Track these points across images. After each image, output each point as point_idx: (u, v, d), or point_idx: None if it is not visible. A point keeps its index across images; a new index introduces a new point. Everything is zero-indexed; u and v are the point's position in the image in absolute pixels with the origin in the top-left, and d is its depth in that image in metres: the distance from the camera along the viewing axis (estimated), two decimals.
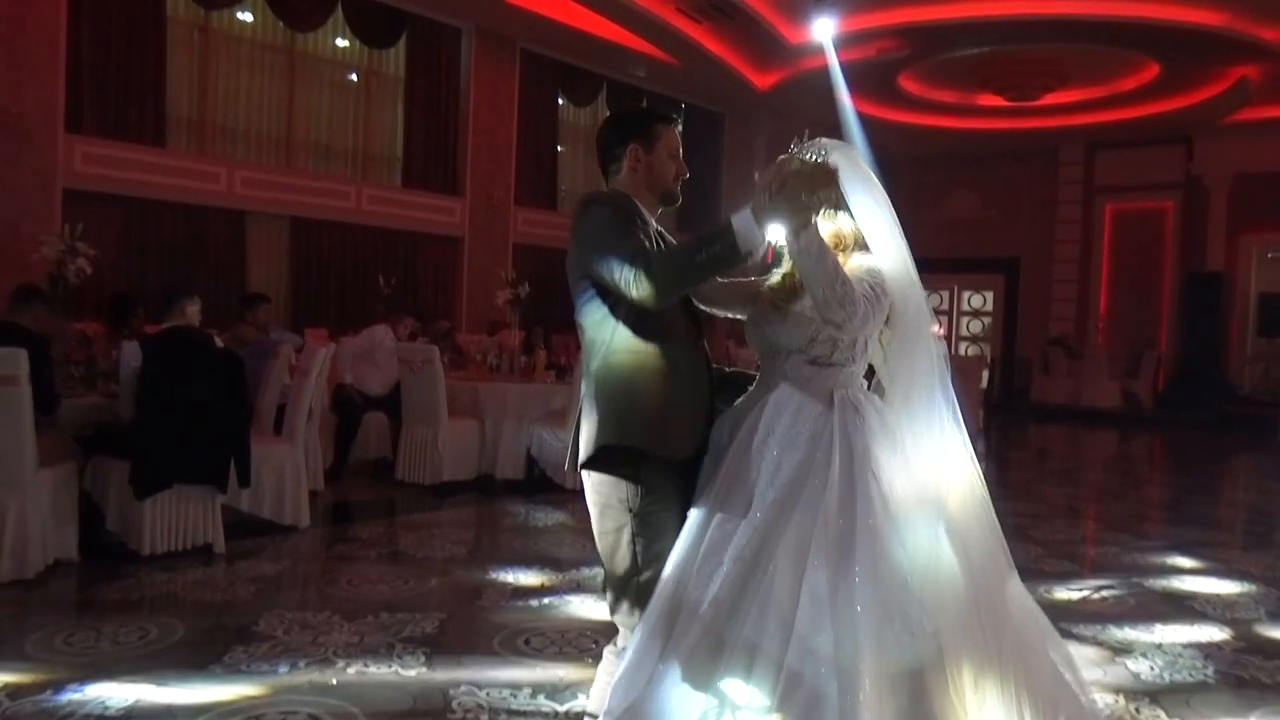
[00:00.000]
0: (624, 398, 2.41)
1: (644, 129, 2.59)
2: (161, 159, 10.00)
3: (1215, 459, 11.48)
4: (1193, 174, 15.76)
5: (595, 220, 2.46)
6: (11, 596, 4.01)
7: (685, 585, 2.26)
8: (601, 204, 2.53)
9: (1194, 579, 5.07)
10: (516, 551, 5.16)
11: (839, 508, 2.17)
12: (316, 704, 2.99)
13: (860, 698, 1.98)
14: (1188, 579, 5.07)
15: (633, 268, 2.27)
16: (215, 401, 4.66)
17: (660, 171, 2.58)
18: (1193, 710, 3.25)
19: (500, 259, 13.19)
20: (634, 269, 2.27)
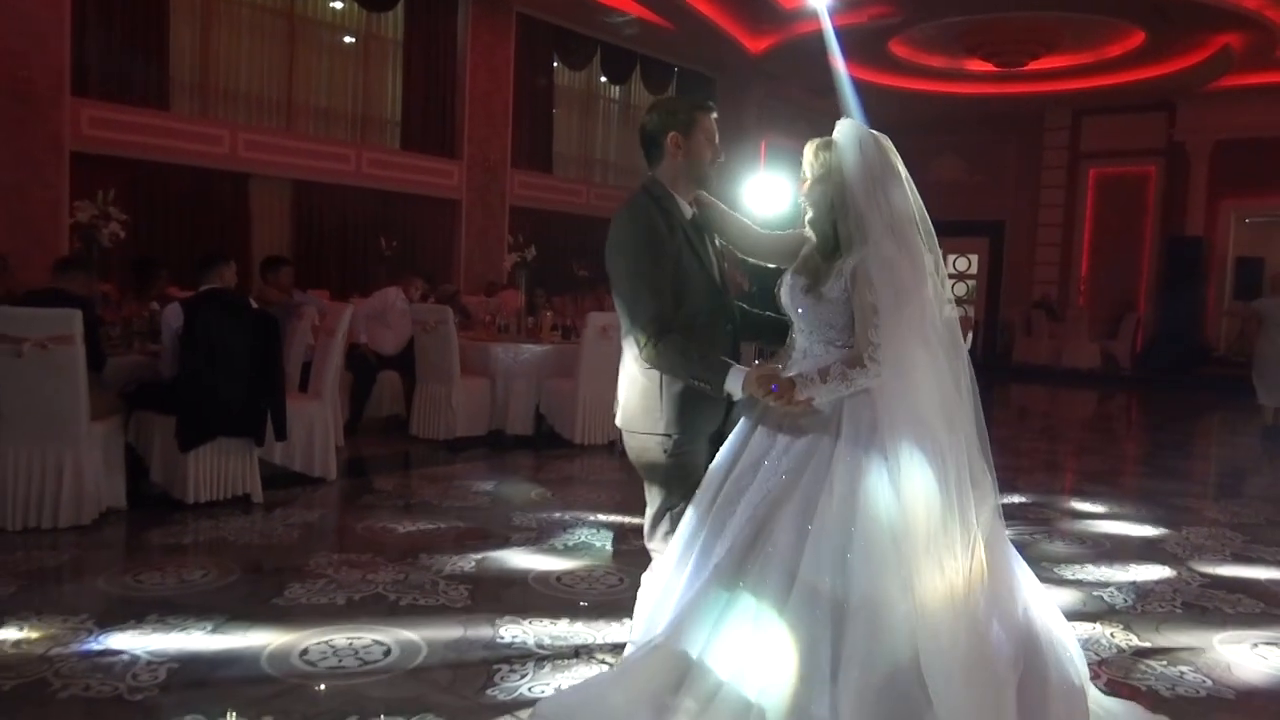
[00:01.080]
0: (650, 396, 2.64)
1: (683, 117, 2.78)
2: (166, 122, 10.14)
3: (1189, 417, 11.92)
4: (1175, 140, 16.08)
5: (626, 255, 2.62)
6: (71, 540, 4.30)
7: (703, 528, 2.53)
8: (636, 223, 2.66)
9: (1165, 526, 5.45)
10: (535, 501, 5.48)
11: (843, 476, 2.37)
12: (380, 631, 3.30)
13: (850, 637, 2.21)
14: (1160, 526, 5.45)
15: (644, 335, 2.52)
16: (252, 359, 4.93)
17: (698, 156, 2.76)
18: (1161, 635, 3.62)
19: (497, 221, 13.42)
20: (645, 336, 2.52)
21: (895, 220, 2.49)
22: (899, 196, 2.52)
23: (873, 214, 2.49)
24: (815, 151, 2.64)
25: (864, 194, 2.50)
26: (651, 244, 2.61)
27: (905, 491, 2.33)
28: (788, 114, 17.39)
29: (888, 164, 2.56)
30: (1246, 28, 12.47)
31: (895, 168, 2.57)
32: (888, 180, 2.53)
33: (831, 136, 2.64)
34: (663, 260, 2.60)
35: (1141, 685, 3.15)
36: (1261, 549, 5.03)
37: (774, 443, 2.49)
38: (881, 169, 2.54)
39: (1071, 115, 17.04)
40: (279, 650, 3.12)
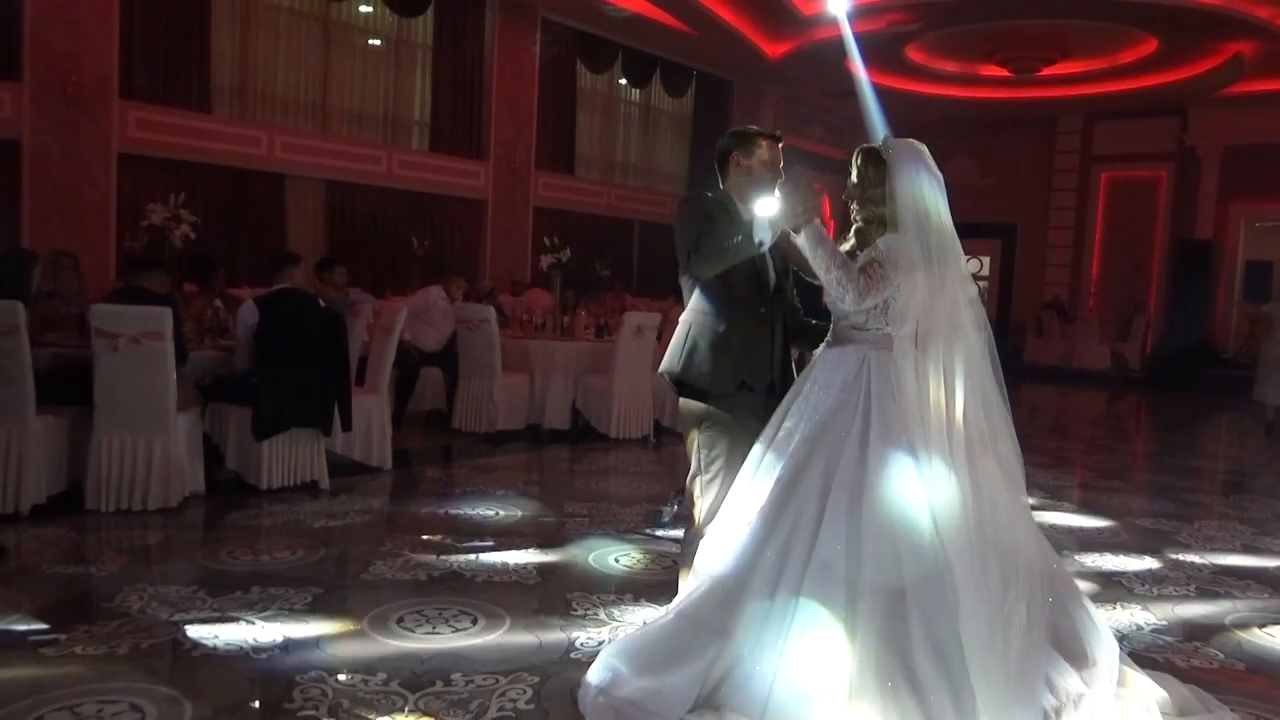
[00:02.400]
0: (689, 342, 3.16)
1: (745, 141, 3.23)
2: (207, 124, 10.48)
3: (1198, 417, 12.21)
4: (1186, 145, 16.35)
5: (680, 215, 3.23)
6: (162, 521, 4.64)
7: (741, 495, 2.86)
8: (688, 201, 3.33)
9: (1177, 520, 5.76)
10: (579, 490, 5.80)
11: (858, 448, 2.71)
12: (464, 603, 3.63)
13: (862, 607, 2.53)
14: (1172, 520, 5.75)
15: (689, 250, 3.05)
16: (321, 355, 5.26)
17: (756, 175, 3.17)
18: (1177, 615, 3.93)
19: (521, 221, 13.76)
20: (690, 251, 3.05)
21: (921, 219, 2.81)
22: (931, 201, 2.84)
23: (905, 214, 2.83)
24: (863, 162, 2.95)
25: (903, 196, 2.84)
26: (708, 214, 3.13)
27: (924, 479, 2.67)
28: (804, 116, 17.71)
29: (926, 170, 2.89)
30: (1258, 36, 12.74)
31: (932, 173, 2.91)
32: (922, 185, 2.85)
33: (878, 146, 2.96)
34: (703, 223, 3.08)
35: (1160, 658, 3.46)
36: (1269, 540, 5.33)
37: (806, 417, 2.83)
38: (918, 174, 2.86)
39: (1084, 120, 17.31)
40: (376, 617, 3.45)
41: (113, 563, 3.97)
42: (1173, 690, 2.91)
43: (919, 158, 2.93)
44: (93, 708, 2.69)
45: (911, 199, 2.84)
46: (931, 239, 2.82)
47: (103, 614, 3.37)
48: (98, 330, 4.60)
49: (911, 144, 2.96)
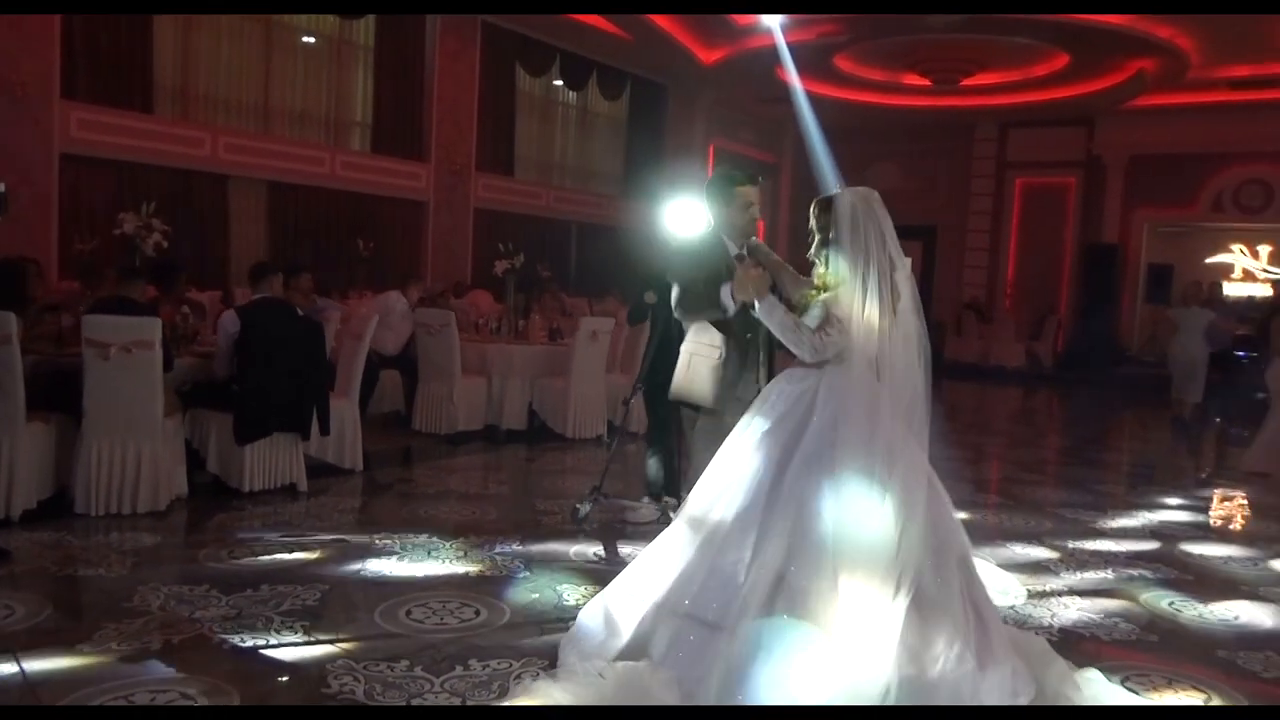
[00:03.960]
0: (691, 369, 3.81)
1: (725, 193, 3.77)
2: (150, 125, 10.45)
3: (1107, 413, 13.03)
4: (1093, 153, 17.29)
5: (675, 258, 3.85)
6: (154, 524, 4.80)
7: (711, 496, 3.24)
8: (682, 246, 3.88)
9: (1094, 510, 6.32)
10: (547, 488, 6.10)
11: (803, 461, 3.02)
12: (465, 597, 3.92)
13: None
14: (1089, 510, 6.31)
15: (675, 300, 3.73)
16: (300, 362, 5.46)
17: (738, 221, 3.73)
18: (1097, 595, 4.42)
19: (462, 223, 13.95)
20: (676, 302, 3.72)
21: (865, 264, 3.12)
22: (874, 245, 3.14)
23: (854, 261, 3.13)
24: (818, 213, 3.30)
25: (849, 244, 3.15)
26: (697, 263, 3.70)
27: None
28: (734, 121, 18.20)
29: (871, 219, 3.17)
30: (1159, 54, 13.64)
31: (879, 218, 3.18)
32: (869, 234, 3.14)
33: (832, 197, 3.29)
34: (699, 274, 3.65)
35: (1086, 633, 3.94)
36: (1174, 527, 5.92)
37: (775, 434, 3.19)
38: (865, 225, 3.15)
39: (999, 128, 18.14)
40: (386, 611, 3.72)
41: (119, 565, 4.15)
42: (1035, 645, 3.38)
43: (864, 201, 3.20)
44: (145, 696, 2.92)
45: (860, 246, 3.13)
46: (879, 281, 3.12)
47: (126, 613, 3.57)
48: (88, 340, 4.75)
49: (859, 192, 3.23)
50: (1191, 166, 16.45)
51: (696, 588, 3.04)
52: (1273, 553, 5.41)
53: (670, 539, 3.24)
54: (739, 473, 3.13)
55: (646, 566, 3.28)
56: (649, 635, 3.09)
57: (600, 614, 3.27)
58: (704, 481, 3.24)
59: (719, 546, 3.07)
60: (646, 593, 3.18)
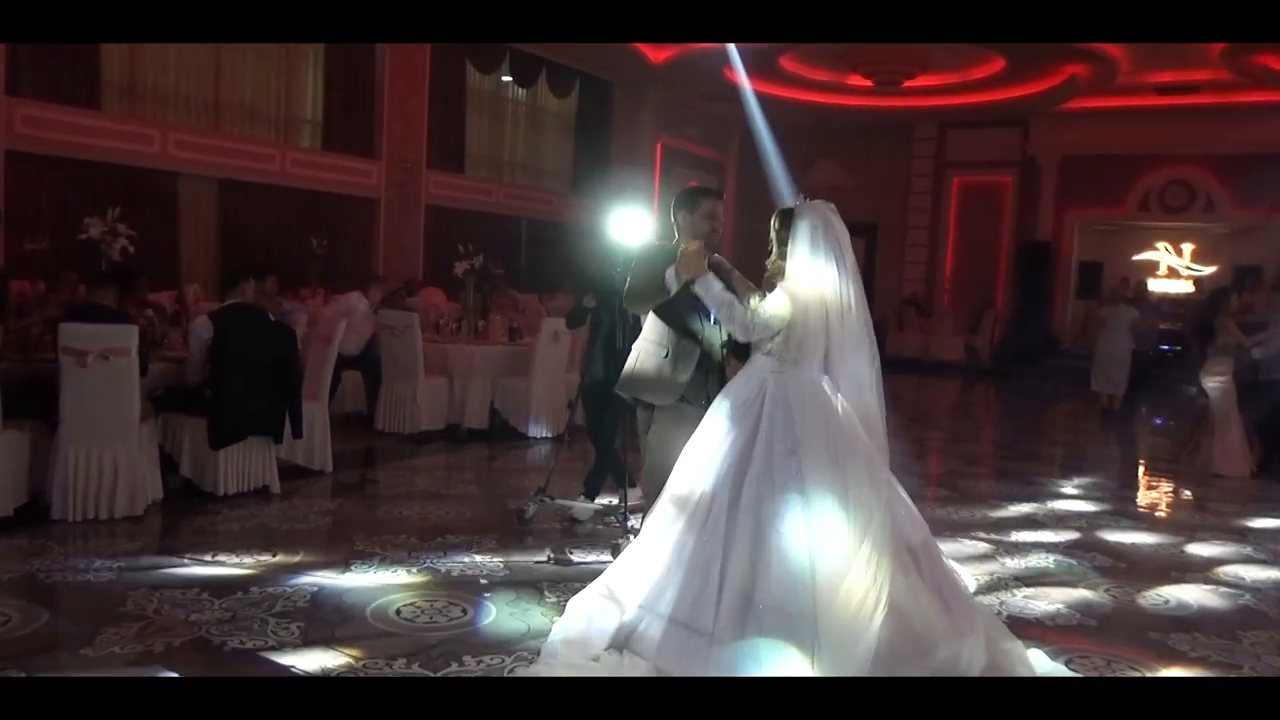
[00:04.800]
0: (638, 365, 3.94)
1: (690, 201, 3.94)
2: (98, 121, 10.34)
3: (1042, 405, 13.57)
4: (1028, 154, 17.87)
5: (635, 263, 3.99)
6: (133, 529, 4.89)
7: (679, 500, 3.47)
8: (642, 252, 4.05)
9: (1034, 501, 6.69)
10: (515, 487, 6.25)
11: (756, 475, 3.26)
12: (450, 596, 4.08)
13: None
14: (1030, 501, 6.68)
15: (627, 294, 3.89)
16: (273, 366, 5.55)
17: (699, 228, 3.87)
18: (1044, 585, 4.74)
19: (414, 220, 13.99)
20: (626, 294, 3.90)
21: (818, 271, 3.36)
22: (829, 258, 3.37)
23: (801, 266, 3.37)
24: (779, 225, 3.52)
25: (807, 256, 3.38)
26: (644, 263, 3.88)
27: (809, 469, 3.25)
28: (681, 118, 18.43)
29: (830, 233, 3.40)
30: (1090, 60, 14.20)
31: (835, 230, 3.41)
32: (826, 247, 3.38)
33: (792, 209, 3.51)
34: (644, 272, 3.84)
35: (1030, 619, 4.24)
36: (1108, 518, 6.30)
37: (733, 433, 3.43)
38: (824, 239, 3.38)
39: (938, 128, 18.64)
40: (377, 610, 3.88)
41: (106, 570, 4.23)
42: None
43: (823, 217, 3.41)
44: None
45: (808, 254, 3.37)
46: (826, 289, 3.35)
47: (122, 618, 3.67)
48: (65, 348, 4.79)
49: (817, 206, 3.46)
50: (1120, 167, 17.10)
51: (674, 591, 3.27)
52: (1192, 538, 5.81)
53: (649, 538, 3.45)
54: (702, 478, 3.35)
55: (631, 563, 3.49)
56: (635, 631, 3.30)
57: (589, 606, 3.47)
58: (672, 484, 3.45)
59: (691, 550, 3.28)
60: (630, 591, 3.39)
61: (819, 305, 3.38)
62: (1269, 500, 7.10)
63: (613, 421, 5.27)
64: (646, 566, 3.40)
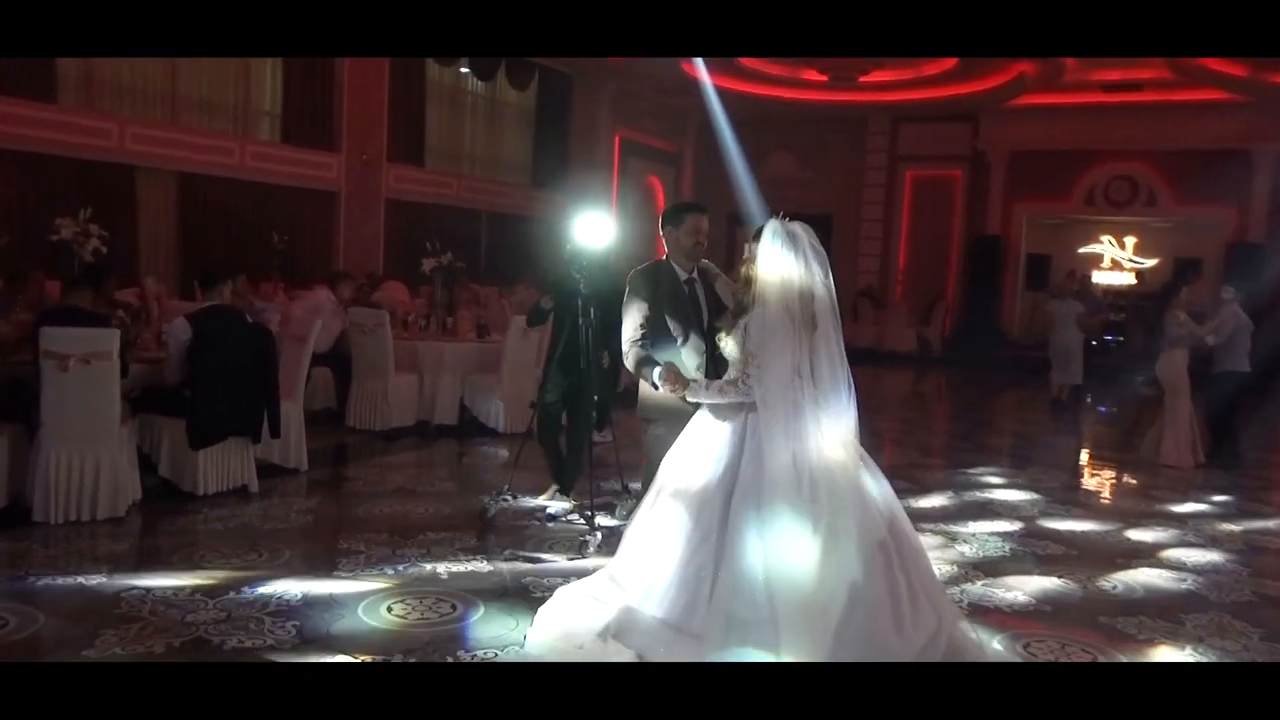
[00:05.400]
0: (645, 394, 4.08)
1: (675, 218, 4.12)
2: (53, 115, 10.20)
3: (993, 395, 13.98)
4: (978, 149, 18.30)
5: (627, 295, 4.07)
6: (115, 530, 4.94)
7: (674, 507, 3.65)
8: (636, 276, 4.11)
9: (990, 491, 6.97)
10: (490, 483, 6.35)
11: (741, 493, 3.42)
12: (437, 593, 4.22)
13: None
14: (986, 491, 6.96)
15: (625, 344, 3.98)
16: (251, 367, 5.62)
17: (684, 244, 4.09)
18: (1001, 573, 5.00)
19: (374, 213, 13.96)
20: (625, 345, 3.98)
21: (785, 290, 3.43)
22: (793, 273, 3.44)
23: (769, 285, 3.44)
24: (752, 241, 3.68)
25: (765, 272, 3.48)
26: (645, 289, 4.02)
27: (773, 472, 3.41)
28: (638, 110, 18.54)
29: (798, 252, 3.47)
30: (1039, 59, 14.59)
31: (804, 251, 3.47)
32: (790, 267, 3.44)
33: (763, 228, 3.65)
34: (650, 300, 4.01)
35: (990, 606, 4.48)
36: (1059, 507, 6.60)
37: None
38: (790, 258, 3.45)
39: (891, 122, 18.99)
40: (368, 607, 4.00)
41: (95, 571, 4.30)
42: None
43: (791, 239, 3.48)
44: None
45: (776, 273, 3.45)
46: (796, 306, 3.42)
47: (119, 619, 3.75)
48: (46, 352, 4.83)
49: (789, 226, 3.52)
50: (1066, 162, 17.58)
51: (666, 592, 3.43)
52: (1138, 525, 6.13)
53: (645, 536, 3.60)
54: (698, 485, 3.50)
55: (623, 560, 3.64)
56: (624, 625, 3.46)
57: (577, 599, 3.64)
58: (669, 485, 3.60)
59: (683, 558, 3.45)
60: (621, 587, 3.55)
61: (784, 313, 3.44)
62: (1210, 488, 7.46)
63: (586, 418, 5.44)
64: (640, 564, 3.55)
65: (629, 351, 3.97)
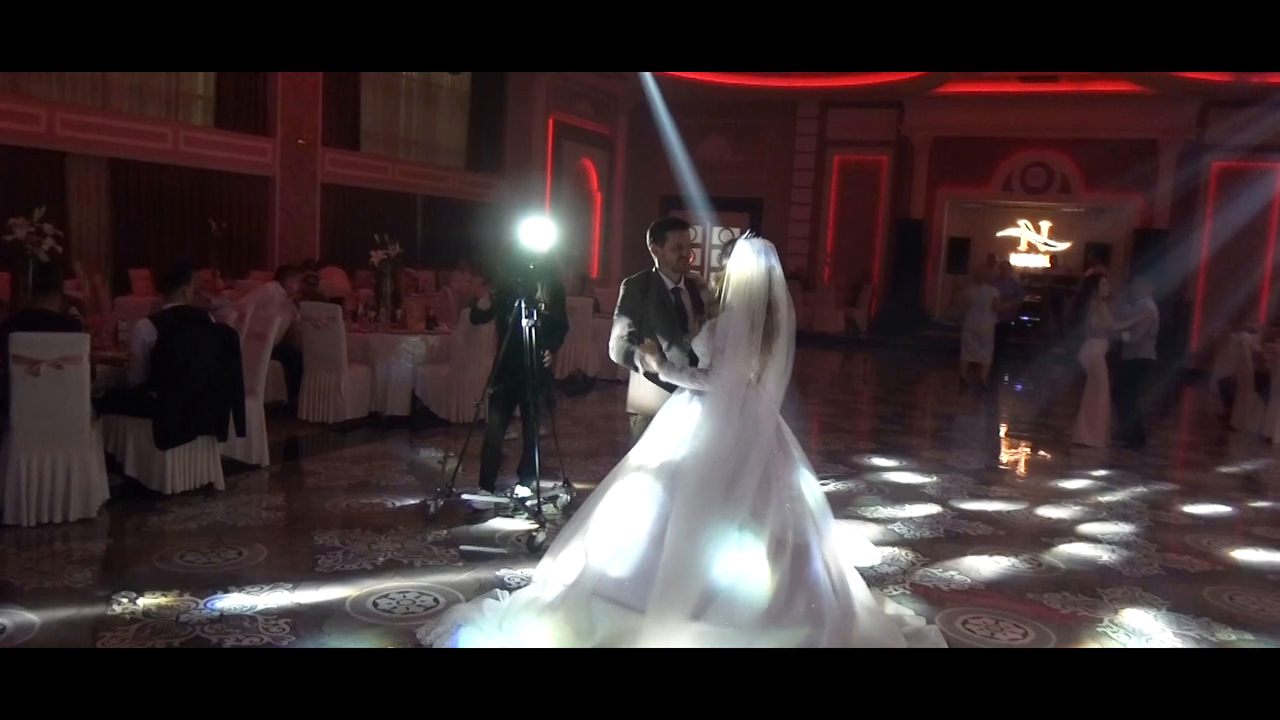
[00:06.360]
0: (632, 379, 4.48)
1: (659, 235, 4.49)
2: None
3: (916, 375, 14.57)
4: (903, 135, 18.84)
5: (620, 301, 4.51)
6: (89, 531, 5.04)
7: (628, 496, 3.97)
8: (628, 285, 4.54)
9: (921, 474, 7.42)
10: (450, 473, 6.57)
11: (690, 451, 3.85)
12: (418, 588, 4.44)
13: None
14: (918, 474, 7.41)
15: (613, 339, 4.40)
16: (217, 366, 5.72)
17: (669, 258, 4.48)
18: (933, 553, 5.40)
19: (310, 198, 13.90)
20: (613, 340, 4.40)
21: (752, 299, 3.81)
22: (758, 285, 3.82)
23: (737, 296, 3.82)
24: (721, 254, 4.05)
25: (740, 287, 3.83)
26: (634, 295, 4.44)
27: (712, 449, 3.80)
28: (574, 94, 18.65)
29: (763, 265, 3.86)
30: None
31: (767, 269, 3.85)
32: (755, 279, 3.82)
33: (733, 241, 4.00)
34: (639, 307, 4.41)
35: (929, 586, 4.88)
36: (986, 488, 7.08)
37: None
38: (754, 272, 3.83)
39: (820, 107, 19.41)
40: (356, 602, 4.21)
41: (77, 573, 4.41)
42: None
43: (757, 254, 3.85)
44: None
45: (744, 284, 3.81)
46: (761, 314, 3.79)
47: (115, 621, 3.90)
48: (16, 357, 4.88)
49: (756, 243, 3.89)
50: (986, 149, 18.24)
51: (621, 576, 3.75)
52: (1058, 503, 6.62)
53: (600, 527, 3.90)
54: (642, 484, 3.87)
55: (579, 544, 3.95)
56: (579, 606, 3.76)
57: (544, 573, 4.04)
58: (635, 470, 3.93)
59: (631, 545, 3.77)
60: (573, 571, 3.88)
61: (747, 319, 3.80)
62: (1119, 466, 8.03)
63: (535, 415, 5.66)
64: (593, 551, 3.87)
65: (616, 347, 4.39)
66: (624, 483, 3.95)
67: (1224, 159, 16.29)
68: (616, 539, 3.83)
